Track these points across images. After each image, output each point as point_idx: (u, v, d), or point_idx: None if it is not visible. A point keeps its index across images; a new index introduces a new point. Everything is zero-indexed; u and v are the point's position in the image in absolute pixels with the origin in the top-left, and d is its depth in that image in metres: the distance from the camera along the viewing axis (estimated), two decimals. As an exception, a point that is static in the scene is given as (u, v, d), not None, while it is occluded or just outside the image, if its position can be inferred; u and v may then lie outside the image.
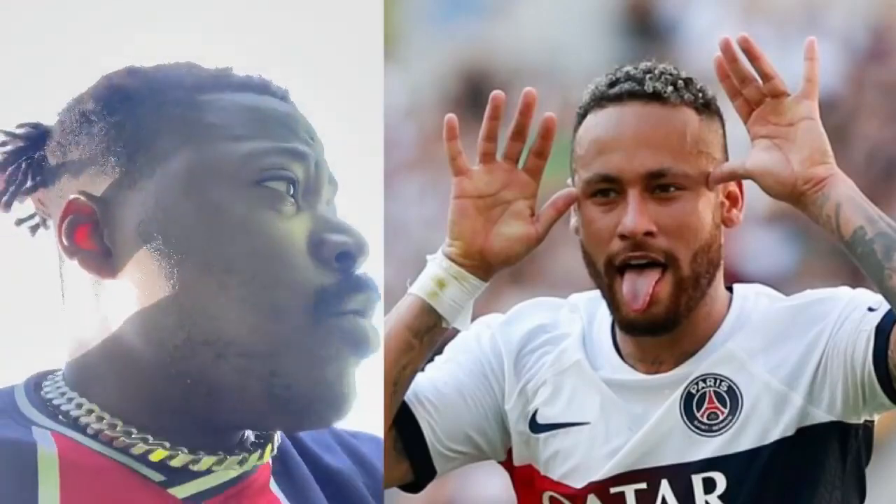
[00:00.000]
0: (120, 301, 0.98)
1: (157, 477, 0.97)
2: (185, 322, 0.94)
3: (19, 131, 1.05)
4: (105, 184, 0.99)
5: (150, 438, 0.97)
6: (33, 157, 1.05)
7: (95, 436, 0.97)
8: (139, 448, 0.97)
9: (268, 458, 1.06)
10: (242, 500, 1.02)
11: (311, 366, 0.92)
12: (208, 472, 1.00)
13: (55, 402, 1.01)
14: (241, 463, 1.03)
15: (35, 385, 1.03)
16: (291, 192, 0.96)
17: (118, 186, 0.98)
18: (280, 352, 0.91)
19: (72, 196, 1.00)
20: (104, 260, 0.99)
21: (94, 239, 0.99)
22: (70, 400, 1.00)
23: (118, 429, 0.97)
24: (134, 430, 0.97)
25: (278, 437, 1.08)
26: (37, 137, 1.06)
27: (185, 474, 0.99)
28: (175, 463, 0.98)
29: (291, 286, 0.92)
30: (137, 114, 0.98)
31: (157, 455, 0.97)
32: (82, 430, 0.98)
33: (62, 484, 0.92)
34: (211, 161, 0.96)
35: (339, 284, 0.93)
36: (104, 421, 0.98)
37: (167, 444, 0.97)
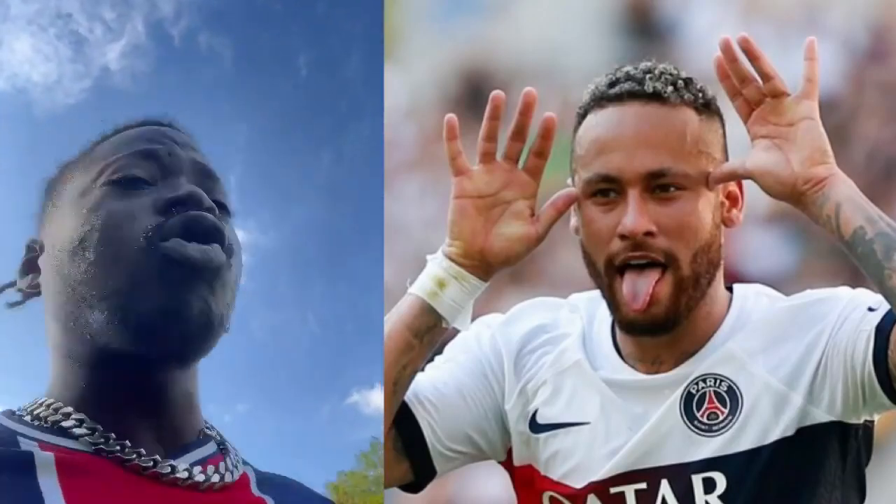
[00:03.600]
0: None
1: (147, 463, 1.02)
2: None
3: None
4: None
5: (128, 444, 1.02)
6: None
7: (78, 438, 1.01)
8: (119, 452, 1.02)
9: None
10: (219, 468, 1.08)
11: (150, 290, 1.02)
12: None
13: (36, 412, 1.06)
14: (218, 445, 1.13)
15: (8, 412, 1.09)
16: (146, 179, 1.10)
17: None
18: (122, 288, 1.03)
19: None
20: None
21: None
22: (48, 406, 1.05)
23: (96, 434, 1.02)
24: (113, 437, 1.02)
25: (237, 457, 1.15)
26: None
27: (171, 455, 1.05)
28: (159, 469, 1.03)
29: (126, 239, 1.05)
30: None
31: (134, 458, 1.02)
32: (66, 433, 1.02)
33: (62, 483, 0.95)
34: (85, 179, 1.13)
35: (167, 222, 1.05)
36: (84, 425, 1.03)
37: (143, 452, 1.02)
